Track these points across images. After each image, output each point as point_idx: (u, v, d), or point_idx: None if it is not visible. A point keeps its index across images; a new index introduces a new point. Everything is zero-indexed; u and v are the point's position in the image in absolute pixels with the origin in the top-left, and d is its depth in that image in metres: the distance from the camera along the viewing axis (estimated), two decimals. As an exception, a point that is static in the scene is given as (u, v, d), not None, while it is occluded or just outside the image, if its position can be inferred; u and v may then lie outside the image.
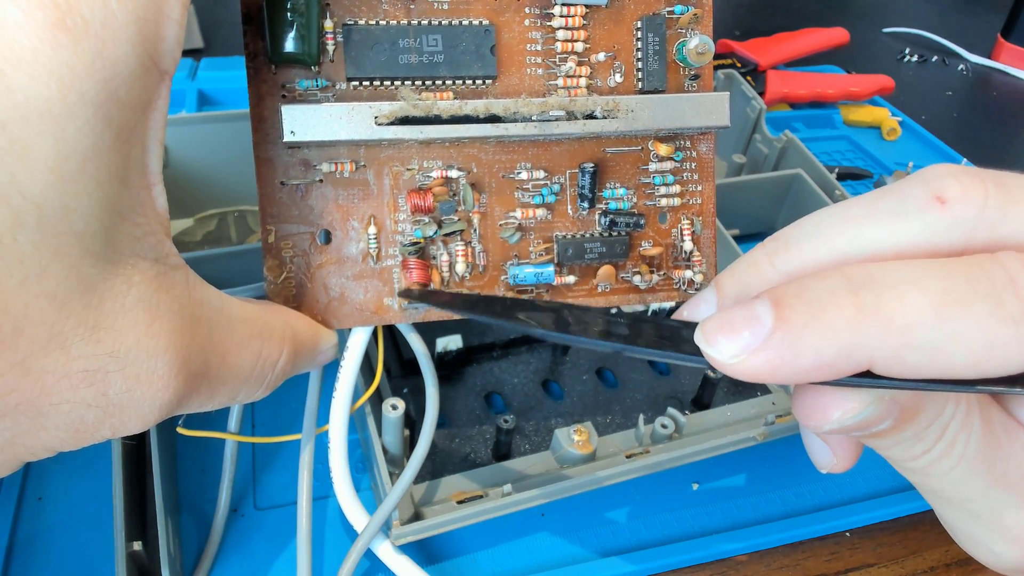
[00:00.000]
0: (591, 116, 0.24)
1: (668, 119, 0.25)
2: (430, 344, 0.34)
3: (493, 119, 0.24)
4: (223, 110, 0.51)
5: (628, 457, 0.31)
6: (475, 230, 0.25)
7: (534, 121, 0.24)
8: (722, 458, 0.32)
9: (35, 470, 0.31)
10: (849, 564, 0.31)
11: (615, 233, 0.26)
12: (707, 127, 0.25)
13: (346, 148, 0.24)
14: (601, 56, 0.25)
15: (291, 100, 0.23)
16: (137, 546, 0.25)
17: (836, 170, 0.55)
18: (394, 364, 0.35)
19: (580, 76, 0.25)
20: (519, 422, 0.34)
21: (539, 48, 0.25)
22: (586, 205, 0.26)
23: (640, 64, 0.25)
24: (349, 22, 0.23)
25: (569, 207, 0.26)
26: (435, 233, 0.25)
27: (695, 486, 0.33)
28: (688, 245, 0.26)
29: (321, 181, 0.24)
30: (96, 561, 0.28)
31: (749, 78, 0.62)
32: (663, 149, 0.26)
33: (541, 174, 0.25)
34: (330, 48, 0.23)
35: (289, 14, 0.22)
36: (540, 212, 0.25)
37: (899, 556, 0.31)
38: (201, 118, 0.41)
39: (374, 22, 0.23)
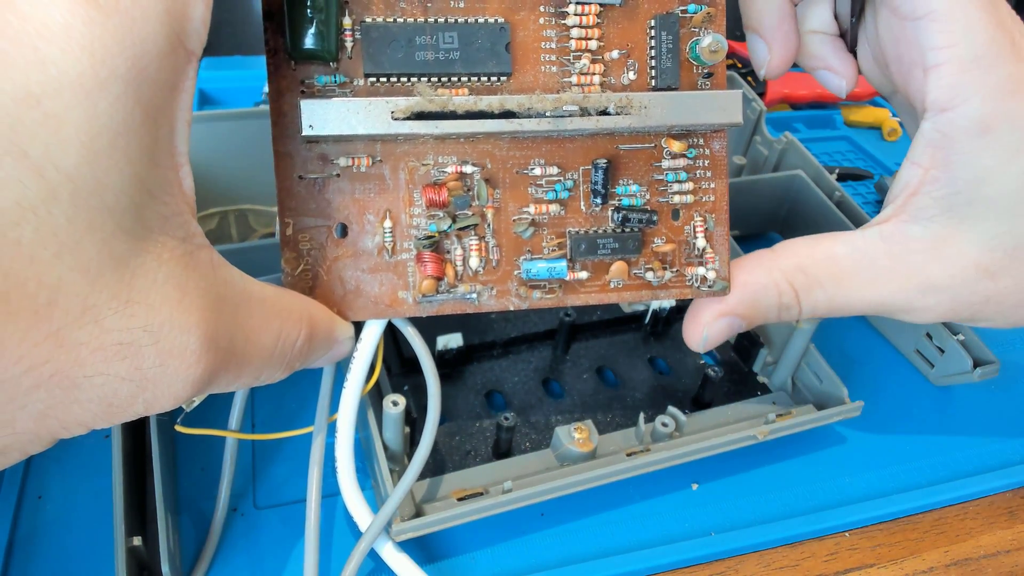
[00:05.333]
0: (604, 112, 0.24)
1: (681, 116, 0.25)
2: (431, 342, 0.34)
3: (508, 115, 0.24)
4: (224, 109, 0.51)
5: (628, 455, 0.31)
6: (489, 225, 0.25)
7: (548, 117, 0.24)
8: (722, 458, 0.32)
9: (35, 468, 0.31)
10: (848, 564, 0.31)
11: (628, 229, 0.26)
12: (720, 124, 0.25)
13: (363, 143, 0.24)
14: (615, 54, 0.25)
15: (310, 96, 0.24)
16: (137, 541, 0.25)
17: (836, 171, 0.55)
18: (394, 362, 0.35)
19: (594, 74, 0.25)
20: (519, 420, 0.34)
21: (554, 46, 0.25)
22: (599, 201, 0.26)
23: (653, 62, 0.25)
24: (367, 19, 0.24)
25: (582, 203, 0.26)
26: (449, 228, 0.25)
27: (695, 486, 0.33)
28: (701, 242, 0.26)
29: (339, 175, 0.25)
30: (96, 558, 0.28)
31: (750, 79, 0.62)
32: (676, 146, 0.26)
33: (555, 170, 0.25)
34: (348, 45, 0.24)
35: (309, 11, 0.23)
36: (553, 208, 0.26)
37: (898, 556, 0.31)
38: (202, 117, 0.41)
39: (392, 19, 0.24)
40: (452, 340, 0.35)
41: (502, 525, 0.30)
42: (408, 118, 0.23)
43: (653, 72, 0.25)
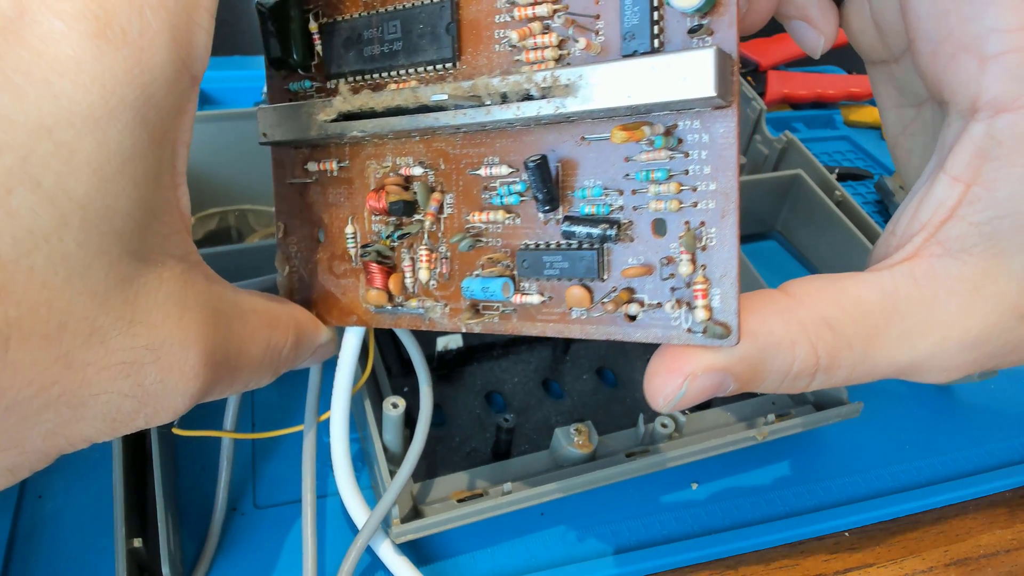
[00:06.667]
0: (528, 97, 0.20)
1: (617, 93, 0.18)
2: (431, 342, 0.34)
3: (423, 109, 0.21)
4: (224, 109, 0.51)
5: (628, 456, 0.31)
6: (440, 234, 0.23)
7: (465, 108, 0.20)
8: (722, 458, 0.32)
9: (35, 468, 0.31)
10: (848, 564, 0.31)
11: (582, 244, 0.20)
12: (682, 100, 0.18)
13: (334, 147, 0.24)
14: (558, 19, 0.20)
15: (294, 101, 0.24)
16: (137, 543, 0.25)
17: (836, 170, 0.55)
18: (395, 363, 0.35)
19: (546, 47, 0.20)
20: (519, 421, 0.34)
21: (509, 19, 0.21)
22: (546, 208, 0.21)
23: (623, 22, 0.19)
24: (328, 21, 0.23)
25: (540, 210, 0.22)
26: (392, 235, 0.23)
27: (695, 486, 0.33)
28: (685, 268, 0.19)
29: (316, 180, 0.24)
30: (96, 558, 0.28)
31: (750, 78, 0.62)
32: (618, 136, 0.19)
33: (504, 170, 0.21)
34: (319, 49, 0.23)
35: (276, 23, 0.23)
36: (499, 215, 0.22)
37: (898, 556, 0.31)
38: (202, 117, 0.41)
39: (347, 17, 0.23)
40: (452, 341, 0.35)
41: (502, 525, 0.30)
42: (335, 119, 0.22)
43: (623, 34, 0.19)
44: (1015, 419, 0.38)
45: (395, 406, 0.28)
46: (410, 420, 0.30)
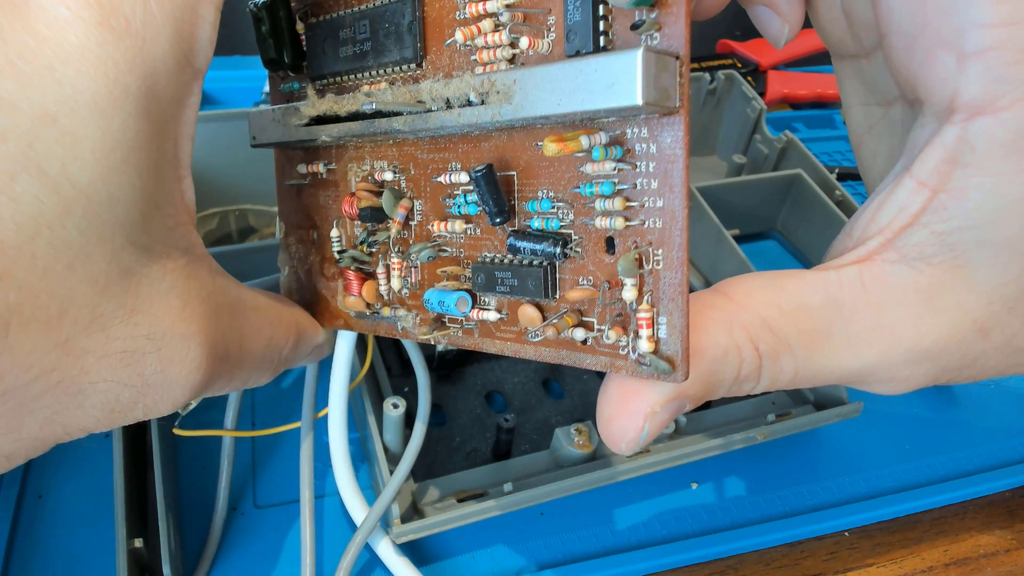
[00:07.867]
0: (469, 103, 0.18)
1: (555, 100, 0.17)
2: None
3: (379, 114, 0.20)
4: (224, 109, 0.51)
5: (628, 456, 0.31)
6: (412, 242, 0.22)
7: (412, 114, 0.19)
8: (722, 458, 0.32)
9: (35, 468, 0.31)
10: (848, 564, 0.31)
11: (531, 262, 0.19)
12: (607, 109, 0.16)
13: (323, 149, 0.24)
14: (505, 16, 0.18)
15: (291, 102, 0.24)
16: (138, 543, 0.25)
17: (836, 170, 0.55)
18: (395, 363, 0.35)
19: (497, 46, 0.18)
20: (519, 421, 0.34)
21: (467, 16, 0.19)
22: (497, 220, 0.19)
23: (566, 18, 0.17)
24: (313, 21, 0.23)
25: None
26: (366, 241, 0.23)
27: (695, 486, 0.33)
28: (629, 293, 0.17)
29: (309, 182, 0.25)
30: (97, 558, 0.28)
31: (750, 78, 0.62)
32: (550, 148, 0.17)
33: (464, 176, 0.20)
34: (307, 50, 0.23)
35: (268, 24, 0.23)
36: (458, 225, 0.20)
37: (898, 556, 0.31)
38: (202, 117, 0.41)
39: (326, 17, 0.22)
40: (452, 340, 0.35)
41: (502, 525, 0.31)
42: (307, 124, 0.22)
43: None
44: (1015, 419, 0.38)
45: (395, 406, 0.28)
46: (410, 420, 0.30)
